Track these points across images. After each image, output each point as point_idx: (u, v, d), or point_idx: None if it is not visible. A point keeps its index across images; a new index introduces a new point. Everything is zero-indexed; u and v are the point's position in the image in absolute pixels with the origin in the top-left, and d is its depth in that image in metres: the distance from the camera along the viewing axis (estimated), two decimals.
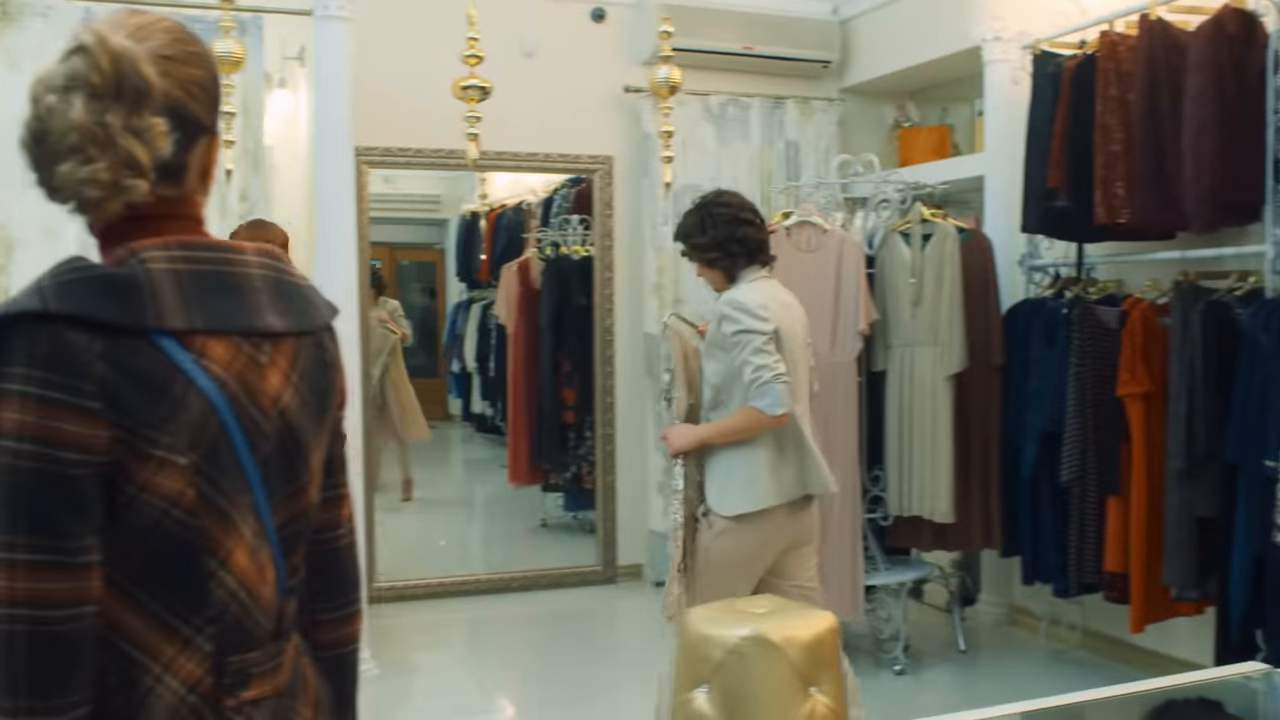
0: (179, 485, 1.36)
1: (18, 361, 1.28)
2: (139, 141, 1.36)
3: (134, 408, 1.32)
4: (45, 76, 1.36)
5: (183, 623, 1.38)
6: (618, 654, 5.98)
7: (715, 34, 6.62)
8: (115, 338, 1.32)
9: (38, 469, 1.28)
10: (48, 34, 4.92)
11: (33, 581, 1.27)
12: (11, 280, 4.86)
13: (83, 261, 1.36)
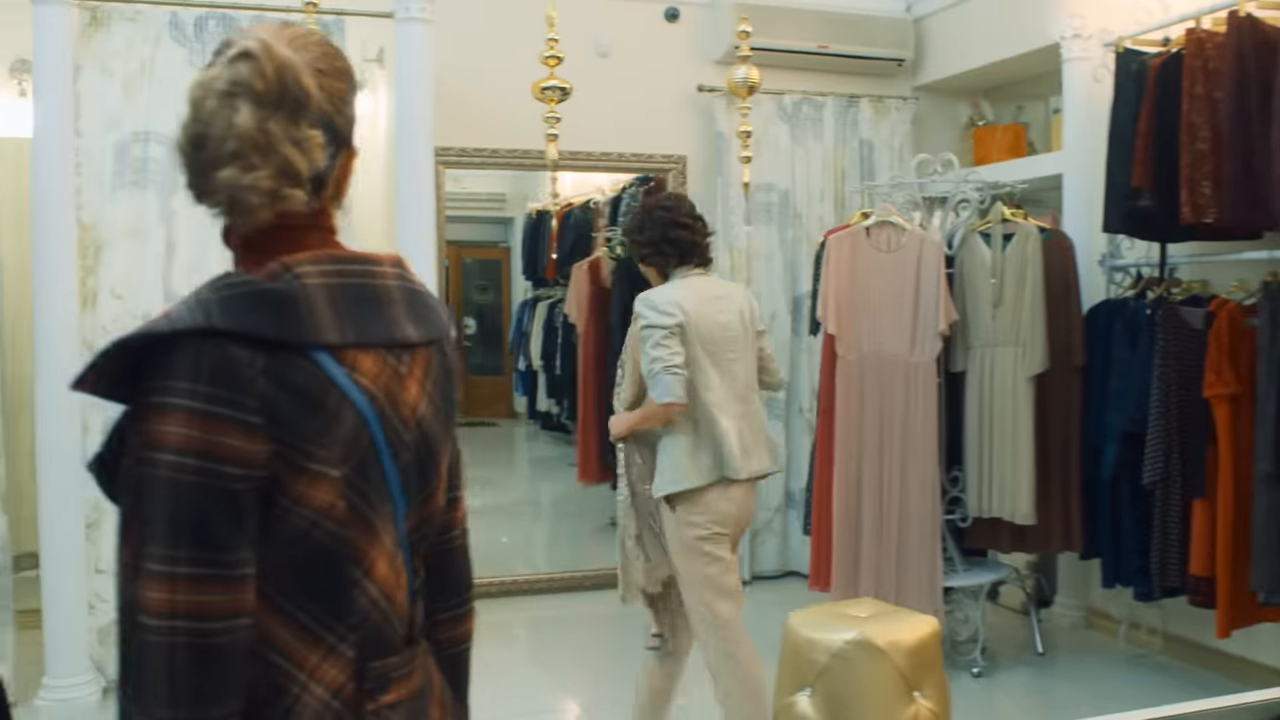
0: (330, 497, 1.38)
1: (182, 376, 1.29)
2: (299, 151, 1.39)
3: (293, 422, 1.34)
4: (206, 81, 1.38)
5: (327, 631, 1.40)
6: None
7: (789, 33, 6.60)
8: (274, 353, 1.34)
9: (200, 483, 1.29)
10: (135, 38, 4.99)
11: (193, 594, 1.28)
12: (99, 281, 4.94)
13: (241, 276, 1.37)
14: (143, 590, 1.28)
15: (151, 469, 1.29)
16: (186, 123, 1.38)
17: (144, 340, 1.31)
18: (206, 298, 1.34)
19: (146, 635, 1.28)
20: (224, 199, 1.38)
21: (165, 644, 1.27)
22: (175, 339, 1.30)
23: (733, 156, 6.61)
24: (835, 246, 5.22)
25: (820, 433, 5.41)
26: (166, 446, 1.28)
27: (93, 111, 4.93)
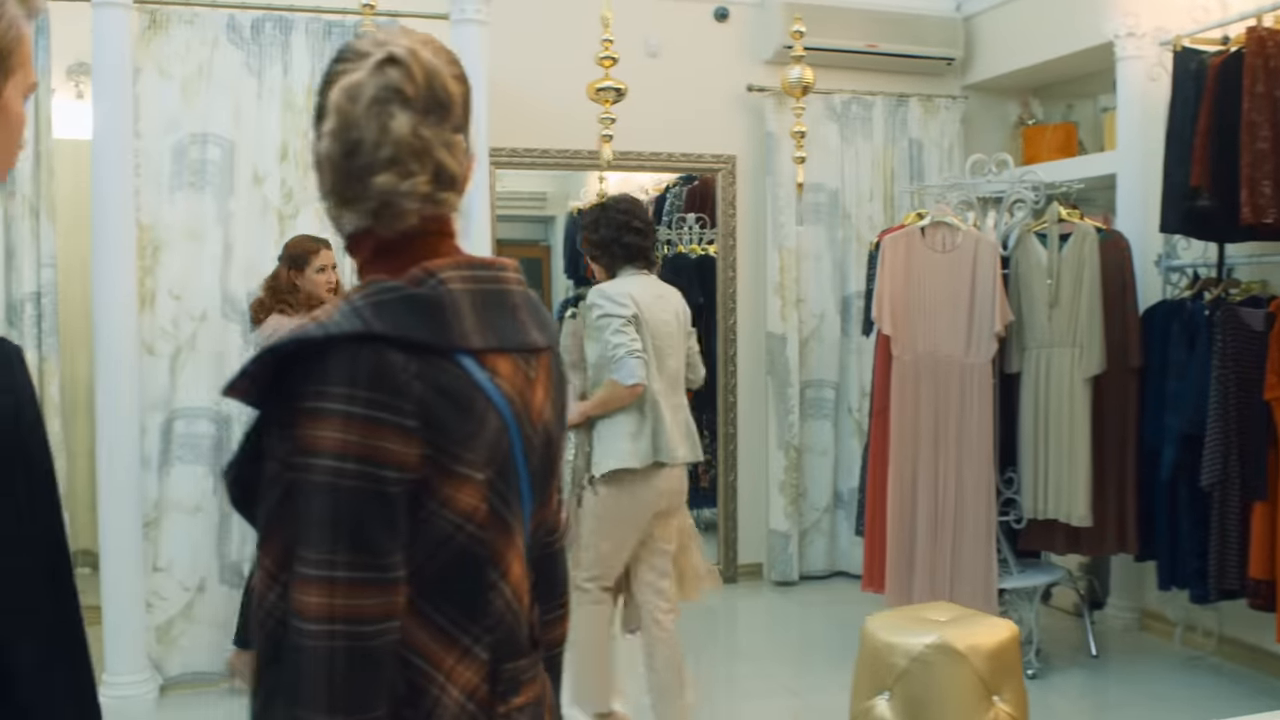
0: (475, 500, 1.38)
1: (338, 381, 1.30)
2: (450, 156, 1.39)
3: (445, 426, 1.34)
4: (351, 88, 1.37)
5: (463, 633, 1.40)
6: (738, 653, 5.98)
7: (839, 32, 6.58)
8: (426, 357, 1.34)
9: (359, 487, 1.29)
10: (193, 41, 5.03)
11: (351, 598, 1.29)
12: (157, 281, 4.97)
13: (390, 283, 1.37)
14: (299, 595, 1.29)
15: (308, 474, 1.30)
16: (334, 129, 1.37)
17: (298, 346, 1.31)
18: (359, 304, 1.34)
19: (304, 640, 1.28)
20: (374, 205, 1.39)
21: (324, 649, 1.28)
22: (330, 344, 1.30)
23: (782, 156, 6.60)
24: (890, 247, 5.21)
25: (874, 433, 5.39)
26: (324, 451, 1.29)
27: (151, 113, 4.97)
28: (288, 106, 5.09)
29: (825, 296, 6.79)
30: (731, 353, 6.82)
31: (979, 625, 2.42)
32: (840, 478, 6.86)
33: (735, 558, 6.87)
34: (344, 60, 1.44)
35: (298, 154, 5.08)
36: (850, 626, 5.96)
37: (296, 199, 5.09)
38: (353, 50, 1.44)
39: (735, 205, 6.80)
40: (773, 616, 6.59)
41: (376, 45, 1.43)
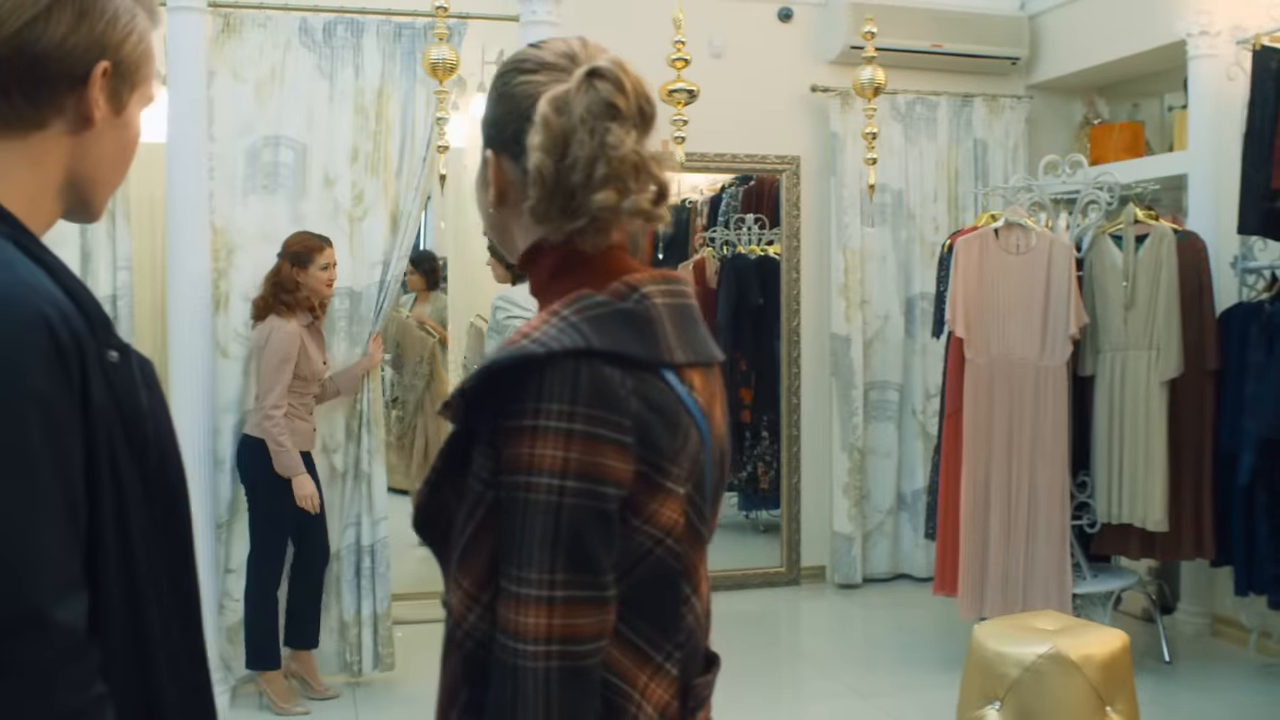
0: (675, 515, 1.36)
1: (558, 398, 1.28)
2: (661, 168, 1.37)
3: (657, 441, 1.33)
4: (561, 102, 1.35)
5: (655, 649, 1.38)
6: (802, 656, 5.96)
7: (903, 32, 6.54)
8: (637, 373, 1.33)
9: (581, 505, 1.28)
10: (266, 44, 5.05)
11: (568, 618, 1.27)
12: (231, 284, 5.00)
13: (599, 297, 1.36)
14: (515, 615, 1.28)
15: (526, 492, 1.28)
16: (545, 144, 1.34)
17: (516, 363, 1.29)
18: (573, 319, 1.32)
19: (520, 660, 1.27)
20: (587, 221, 1.36)
21: (541, 669, 1.27)
22: (548, 361, 1.29)
23: (847, 157, 6.57)
24: (964, 249, 5.17)
25: (947, 436, 5.35)
26: (544, 469, 1.27)
27: (225, 117, 4.99)
28: (359, 109, 5.10)
29: (889, 298, 6.75)
30: (795, 354, 6.79)
31: (1091, 635, 2.39)
32: (904, 480, 6.83)
33: (798, 560, 6.84)
34: (527, 72, 1.42)
35: (368, 157, 5.08)
36: (914, 629, 6.01)
37: (366, 201, 5.10)
38: (535, 61, 1.43)
39: (799, 206, 6.77)
40: (836, 619, 6.56)
41: (565, 57, 1.42)
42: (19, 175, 1.32)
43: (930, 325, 6.43)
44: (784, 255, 6.87)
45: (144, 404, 1.32)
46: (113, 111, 1.35)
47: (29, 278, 1.23)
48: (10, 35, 1.27)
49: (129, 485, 1.28)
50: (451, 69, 4.55)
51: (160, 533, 1.34)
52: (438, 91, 4.57)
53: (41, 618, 1.15)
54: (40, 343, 1.19)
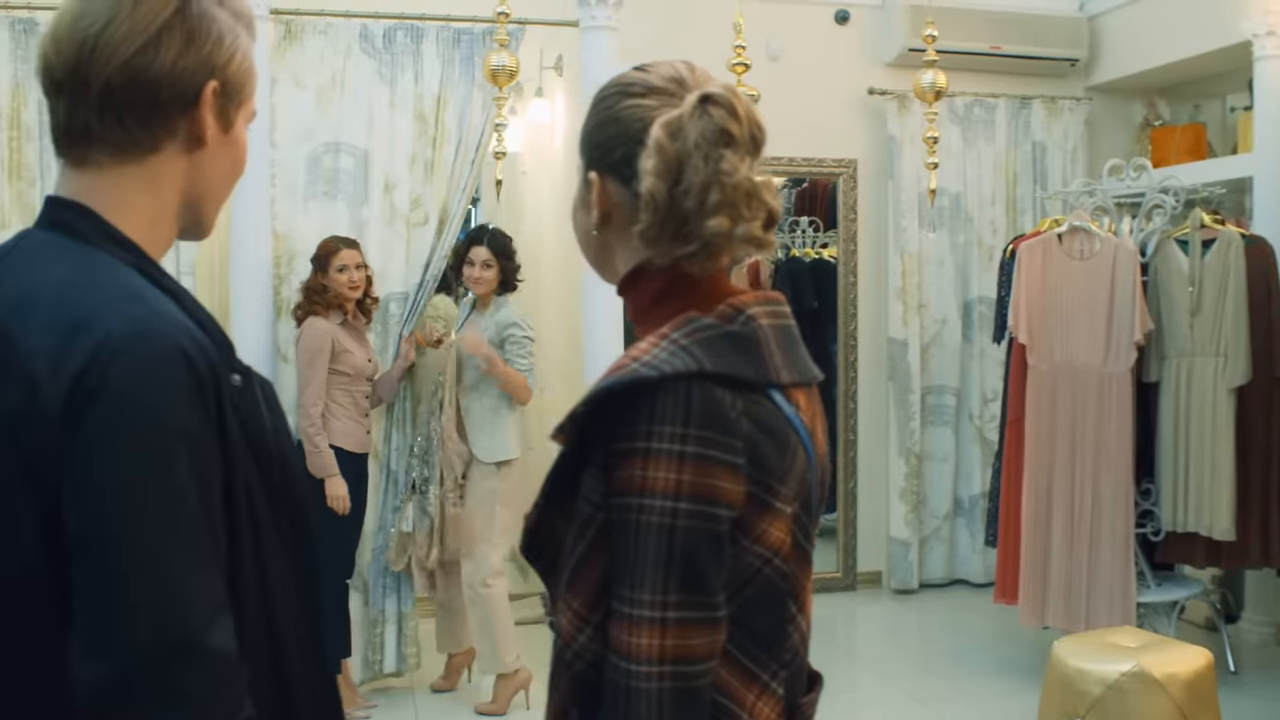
0: (783, 535, 1.37)
1: (670, 421, 1.28)
2: (772, 195, 1.37)
3: (767, 462, 1.33)
4: (675, 127, 1.34)
5: (761, 669, 1.38)
6: (858, 661, 5.92)
7: (961, 34, 6.48)
8: (747, 394, 1.33)
9: (694, 527, 1.28)
10: (327, 51, 5.07)
11: (681, 639, 1.28)
12: (292, 290, 5.02)
13: (706, 319, 1.36)
14: (628, 636, 1.28)
15: (640, 515, 1.28)
16: (659, 169, 1.33)
17: (628, 386, 1.30)
18: (682, 342, 1.32)
19: (633, 681, 1.27)
20: (698, 247, 1.36)
21: (654, 689, 1.27)
22: (660, 384, 1.29)
23: (904, 160, 6.53)
24: (1026, 254, 5.12)
25: (1009, 443, 5.31)
26: (657, 492, 1.27)
27: (286, 123, 5.02)
28: (418, 115, 5.11)
29: (947, 301, 6.70)
30: (852, 358, 6.76)
31: (1174, 652, 2.35)
32: (961, 485, 6.78)
33: (854, 565, 6.81)
34: (635, 95, 1.42)
35: (427, 163, 5.10)
36: (971, 635, 5.97)
37: (425, 207, 5.11)
38: (643, 85, 1.42)
39: (856, 210, 6.74)
40: (892, 624, 6.52)
41: (673, 81, 1.41)
42: (138, 201, 1.34)
43: (989, 330, 6.38)
44: (841, 259, 6.83)
45: (267, 424, 1.34)
46: (221, 129, 1.37)
47: (163, 309, 1.25)
48: (123, 63, 1.29)
49: (260, 507, 1.31)
50: (512, 75, 4.56)
51: (288, 551, 1.37)
52: (497, 98, 4.58)
53: (196, 646, 1.17)
54: (180, 377, 1.20)
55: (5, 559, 1.20)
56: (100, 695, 1.14)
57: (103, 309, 1.21)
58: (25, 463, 1.18)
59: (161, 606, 1.16)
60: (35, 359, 1.19)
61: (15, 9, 4.80)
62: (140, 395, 1.18)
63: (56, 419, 1.17)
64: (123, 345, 1.18)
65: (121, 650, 1.15)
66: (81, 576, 1.16)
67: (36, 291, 1.25)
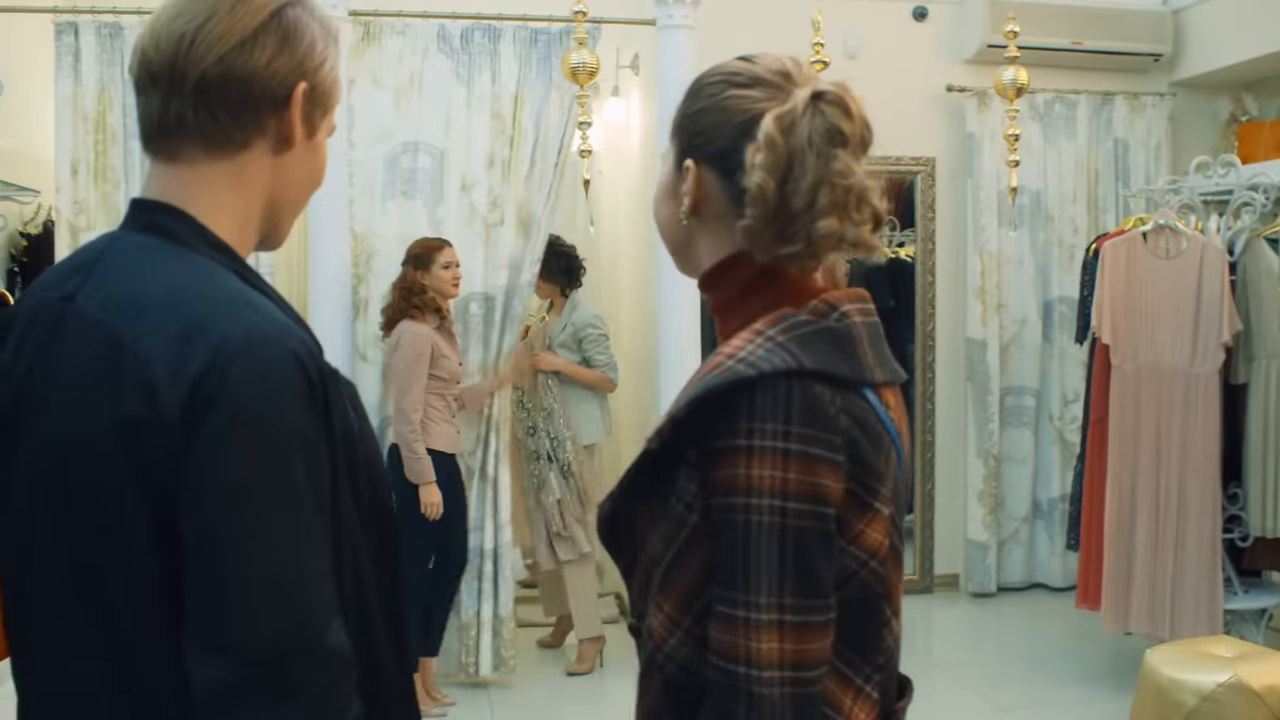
0: (881, 536, 1.35)
1: (772, 418, 1.26)
2: (879, 198, 1.35)
3: (865, 460, 1.31)
4: (787, 122, 1.32)
5: (856, 673, 1.36)
6: (935, 666, 5.84)
7: (1041, 29, 6.37)
8: (843, 391, 1.31)
9: (805, 526, 1.26)
10: (405, 51, 5.10)
11: (799, 642, 1.26)
12: (370, 289, 5.05)
13: (802, 315, 1.34)
14: (744, 639, 1.26)
15: (747, 514, 1.26)
16: (770, 165, 1.31)
17: (729, 386, 1.28)
18: (779, 339, 1.31)
19: (757, 687, 1.25)
20: (804, 245, 1.33)
21: (778, 695, 1.25)
22: (758, 382, 1.27)
23: (983, 158, 6.45)
24: (1110, 253, 5.03)
25: (1091, 445, 5.21)
26: (764, 490, 1.25)
27: (364, 123, 5.05)
28: (495, 114, 5.12)
29: (1027, 301, 6.61)
30: (930, 359, 6.69)
31: (1273, 663, 2.29)
32: (1040, 487, 6.68)
33: (931, 567, 6.74)
34: (741, 86, 1.39)
35: (504, 162, 5.10)
36: (1051, 640, 5.88)
37: (502, 206, 5.12)
38: (749, 75, 1.40)
39: (934, 208, 6.66)
40: (970, 628, 6.44)
41: (780, 75, 1.39)
42: (229, 200, 1.37)
43: (1069, 330, 6.28)
44: (918, 258, 6.76)
45: (354, 426, 1.36)
46: (306, 134, 1.40)
47: (272, 314, 1.28)
48: (218, 58, 1.32)
49: (347, 508, 1.33)
50: (592, 73, 4.55)
51: (374, 552, 1.39)
52: (578, 96, 4.57)
53: (313, 645, 1.20)
54: (294, 381, 1.23)
55: (119, 561, 1.23)
56: (219, 694, 1.17)
57: (214, 314, 1.23)
58: (142, 468, 1.20)
59: (280, 607, 1.19)
60: (152, 365, 1.20)
61: (101, 14, 4.87)
62: (258, 399, 1.20)
63: (175, 424, 1.19)
64: (239, 350, 1.21)
65: (240, 650, 1.17)
66: (199, 577, 1.19)
67: (144, 295, 1.26)
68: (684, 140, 1.44)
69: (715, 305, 1.47)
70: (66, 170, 4.84)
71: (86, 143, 4.90)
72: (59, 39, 4.86)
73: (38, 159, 5.04)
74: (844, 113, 1.32)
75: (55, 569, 1.27)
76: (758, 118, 1.34)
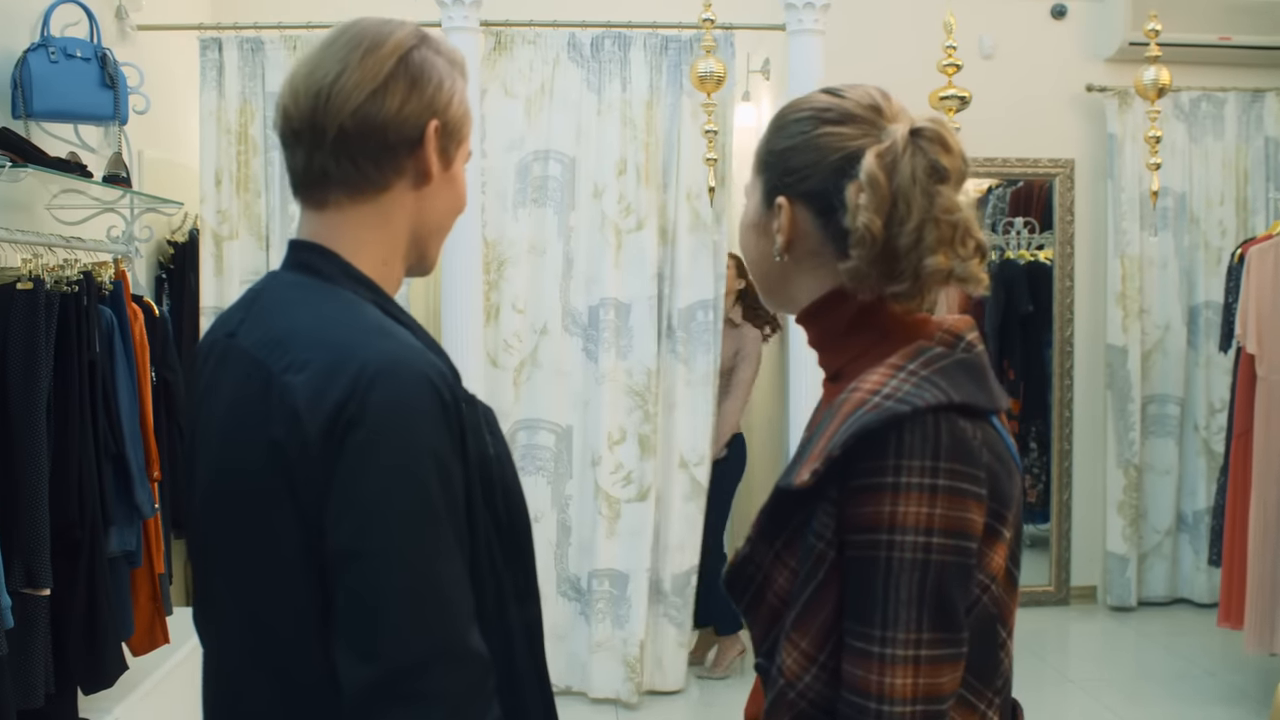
0: (1001, 560, 1.35)
1: (919, 454, 1.26)
2: (980, 230, 1.35)
3: (1000, 490, 1.32)
4: (888, 161, 1.32)
5: (978, 699, 1.36)
6: (1070, 681, 5.70)
7: (1187, 25, 6.17)
8: (980, 423, 1.32)
9: (949, 562, 1.27)
10: (536, 60, 5.15)
11: (933, 677, 1.27)
12: (501, 295, 5.12)
13: (937, 348, 1.35)
14: (877, 675, 1.27)
15: (889, 551, 1.27)
16: (874, 205, 1.32)
17: (885, 424, 1.28)
18: (922, 373, 1.32)
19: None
20: (912, 283, 1.35)
21: None
22: (911, 417, 1.27)
23: (1125, 159, 6.27)
24: (1257, 259, 4.85)
25: (1235, 457, 5.03)
26: (909, 527, 1.26)
27: (496, 132, 5.12)
28: (626, 122, 5.14)
29: (1171, 307, 6.40)
30: (1068, 365, 6.53)
31: None
32: (1184, 499, 6.47)
33: (1068, 579, 6.58)
34: (832, 122, 1.39)
35: (638, 169, 5.13)
36: (1192, 659, 5.69)
37: (635, 213, 5.14)
38: (839, 111, 1.40)
39: (1073, 211, 6.50)
40: (1108, 644, 6.26)
41: (870, 109, 1.39)
42: (372, 237, 1.45)
43: (1215, 337, 6.08)
44: (1056, 262, 6.60)
45: (491, 450, 1.41)
46: (443, 167, 1.46)
47: (408, 342, 1.35)
48: (354, 110, 1.39)
49: (484, 528, 1.38)
50: (719, 81, 4.56)
51: (515, 576, 1.45)
52: (705, 104, 4.57)
53: (458, 650, 1.27)
54: (429, 404, 1.29)
55: (271, 575, 1.33)
56: (368, 698, 1.24)
57: (355, 344, 1.32)
58: (291, 490, 1.29)
59: (423, 614, 1.26)
60: (296, 393, 1.29)
61: (244, 29, 5.03)
62: (396, 422, 1.28)
63: (318, 446, 1.27)
64: (377, 376, 1.28)
65: (384, 657, 1.25)
66: (346, 588, 1.27)
67: (292, 330, 1.36)
68: (773, 177, 1.45)
69: (817, 340, 1.48)
70: (211, 181, 5.00)
71: (229, 154, 5.07)
72: (203, 55, 5.04)
73: (184, 170, 5.22)
74: (944, 148, 1.33)
75: (225, 576, 1.41)
76: (854, 155, 1.35)
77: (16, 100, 3.87)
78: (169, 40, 5.06)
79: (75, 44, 3.98)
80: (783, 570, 1.37)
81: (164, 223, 5.06)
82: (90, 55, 4.03)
